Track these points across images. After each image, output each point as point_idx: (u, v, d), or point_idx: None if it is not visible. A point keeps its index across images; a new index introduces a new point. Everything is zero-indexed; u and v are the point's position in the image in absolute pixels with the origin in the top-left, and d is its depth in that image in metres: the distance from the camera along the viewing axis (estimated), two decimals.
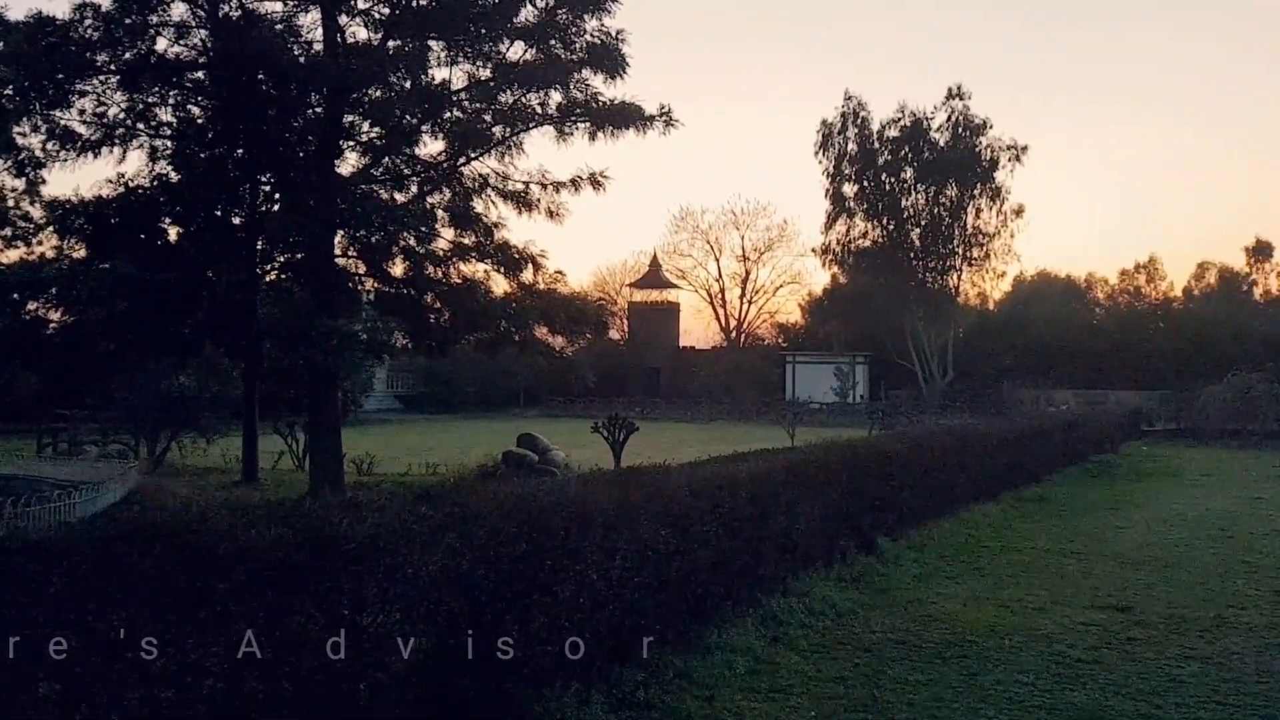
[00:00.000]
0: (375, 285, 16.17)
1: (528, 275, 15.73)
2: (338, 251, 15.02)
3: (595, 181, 15.50)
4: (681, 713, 5.54)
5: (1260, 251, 76.75)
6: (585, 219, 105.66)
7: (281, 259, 15.69)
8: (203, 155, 14.90)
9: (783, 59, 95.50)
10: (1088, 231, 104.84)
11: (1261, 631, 7.47)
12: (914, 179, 46.24)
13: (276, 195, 15.48)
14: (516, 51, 14.68)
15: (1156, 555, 10.64)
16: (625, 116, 14.95)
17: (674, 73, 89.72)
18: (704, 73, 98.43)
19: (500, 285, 15.85)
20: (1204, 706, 5.74)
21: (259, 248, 15.38)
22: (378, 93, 14.58)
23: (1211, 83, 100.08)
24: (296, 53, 14.48)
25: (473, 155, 15.44)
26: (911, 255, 46.44)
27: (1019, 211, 46.07)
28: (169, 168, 15.03)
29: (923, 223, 46.33)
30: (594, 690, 5.61)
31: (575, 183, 15.51)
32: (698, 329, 62.17)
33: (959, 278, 46.98)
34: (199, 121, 15.06)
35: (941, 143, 45.66)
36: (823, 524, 9.27)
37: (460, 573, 5.10)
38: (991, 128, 45.47)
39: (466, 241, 15.71)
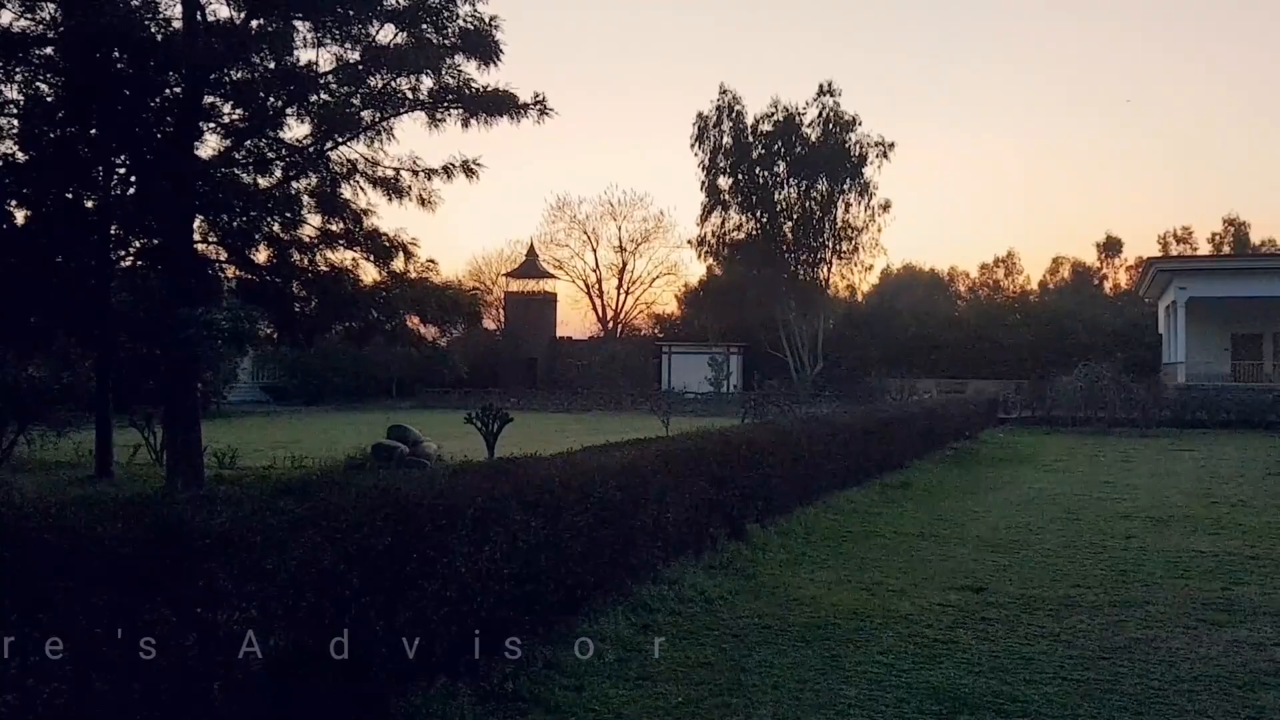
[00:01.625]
0: (237, 273, 15.62)
1: (398, 263, 15.46)
2: (197, 237, 14.46)
3: (468, 169, 15.31)
4: (550, 703, 5.53)
5: (1110, 247, 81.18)
6: (460, 208, 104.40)
7: (137, 245, 15.03)
8: (52, 135, 14.14)
9: (660, 50, 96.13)
10: (951, 226, 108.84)
11: (1105, 609, 7.86)
12: (787, 173, 47.20)
13: (132, 178, 14.80)
14: (387, 34, 14.38)
15: (1011, 538, 11.12)
16: (499, 104, 14.81)
17: (551, 62, 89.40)
18: (581, 63, 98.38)
19: (370, 274, 15.54)
20: (1051, 682, 6.02)
21: (113, 232, 14.69)
22: (240, 73, 14.08)
23: (1067, 86, 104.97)
24: (154, 30, 13.86)
25: (340, 140, 15.06)
26: (784, 248, 47.41)
27: (886, 207, 47.53)
28: (15, 148, 14.22)
29: (795, 216, 47.35)
30: (461, 684, 5.55)
31: (448, 170, 15.29)
32: (575, 319, 62.24)
33: (829, 270, 48.22)
34: (48, 100, 14.27)
35: (813, 138, 46.72)
36: (694, 512, 9.39)
37: (321, 568, 4.97)
38: (861, 124, 46.75)
39: (334, 228, 15.34)
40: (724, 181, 47.90)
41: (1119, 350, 38.49)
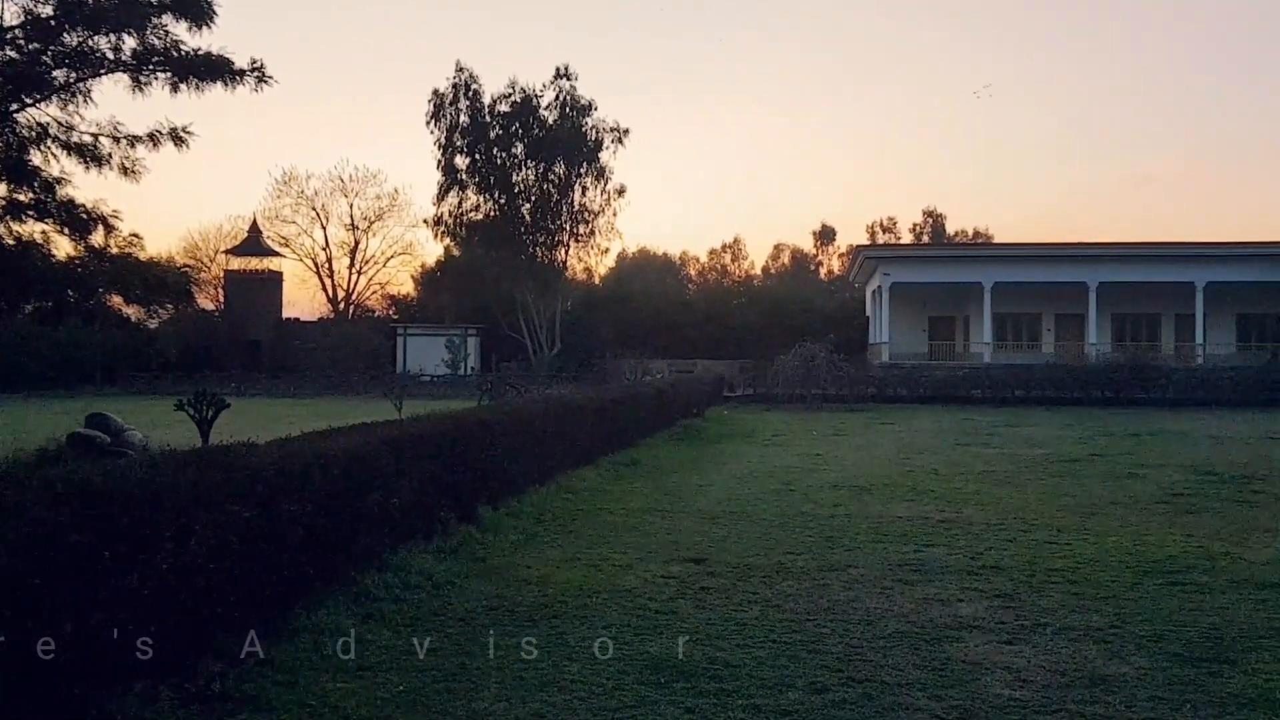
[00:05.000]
0: None
1: (97, 238, 14.34)
2: None
3: (178, 137, 14.37)
4: (262, 701, 5.26)
5: (826, 235, 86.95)
6: (173, 179, 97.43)
7: None
8: None
9: (392, 23, 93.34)
10: (683, 213, 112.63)
11: (813, 574, 8.39)
12: (525, 155, 47.16)
13: None
14: None
15: (730, 509, 11.67)
16: (212, 69, 13.98)
17: (278, 30, 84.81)
18: (310, 32, 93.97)
19: (64, 248, 14.20)
20: (762, 645, 6.35)
21: None
22: None
23: (787, 79, 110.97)
24: None
25: (29, 101, 13.69)
26: (522, 229, 47.41)
27: (621, 191, 48.49)
28: None
29: (533, 198, 47.43)
30: (163, 686, 5.18)
31: (154, 137, 14.31)
32: (303, 300, 59.70)
33: (567, 253, 48.66)
34: None
35: (550, 121, 46.89)
36: (423, 496, 9.21)
37: None
38: (597, 109, 47.39)
39: (22, 198, 13.96)
40: (461, 161, 47.26)
41: (832, 331, 41.23)
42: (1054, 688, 5.62)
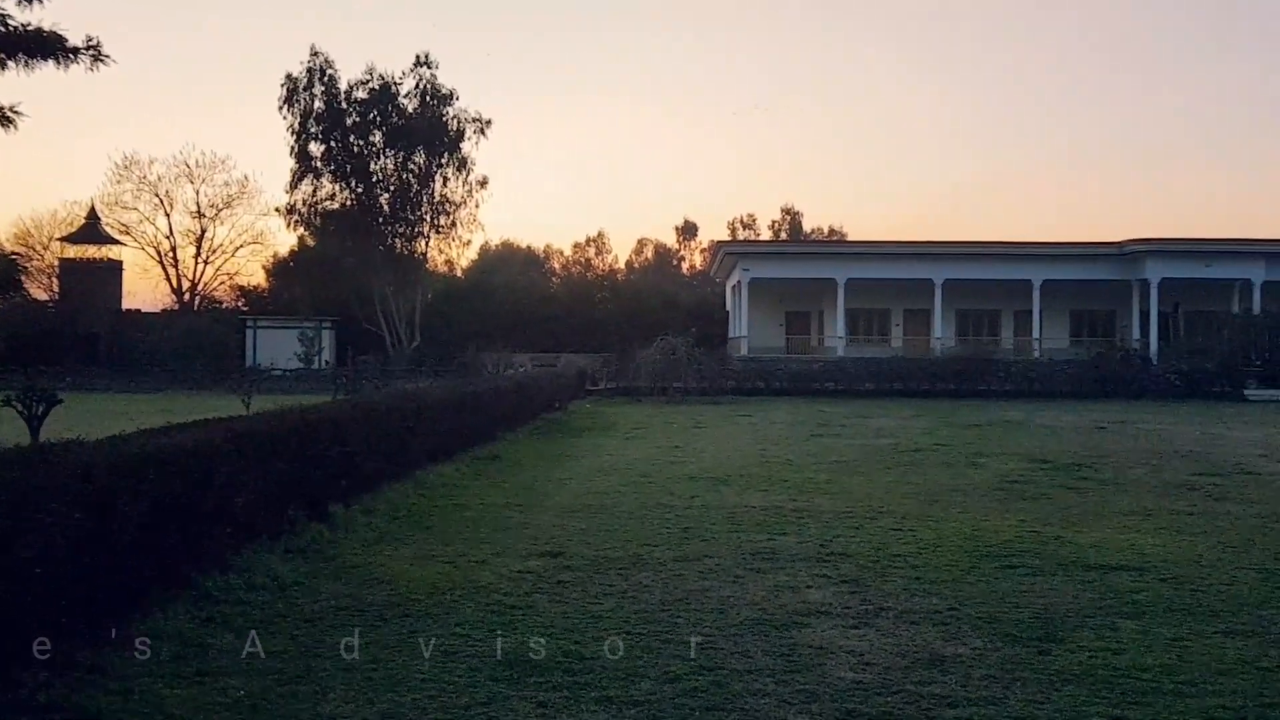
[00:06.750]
0: None
1: None
2: None
3: (4, 117, 13.42)
4: (91, 710, 5.01)
5: (688, 231, 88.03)
6: (1, 163, 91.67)
7: None
8: None
9: (242, 5, 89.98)
10: (547, 206, 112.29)
11: (669, 565, 8.49)
12: (383, 143, 46.16)
13: None
14: None
15: (589, 503, 11.70)
16: (42, 45, 13.10)
17: (117, 8, 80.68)
18: (152, 11, 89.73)
19: None
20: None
21: None
22: None
23: (651, 76, 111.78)
24: None
25: None
26: (381, 220, 46.41)
27: (484, 182, 47.95)
28: None
29: (392, 188, 46.47)
30: None
31: None
32: (145, 290, 57.01)
33: (427, 244, 47.85)
34: None
35: (410, 109, 46.00)
36: (271, 494, 8.92)
37: None
38: (458, 99, 46.68)
39: None
40: (316, 148, 45.89)
41: (694, 325, 41.83)
42: (895, 669, 5.84)
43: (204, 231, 55.71)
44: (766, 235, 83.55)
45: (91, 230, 49.48)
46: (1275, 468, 15.29)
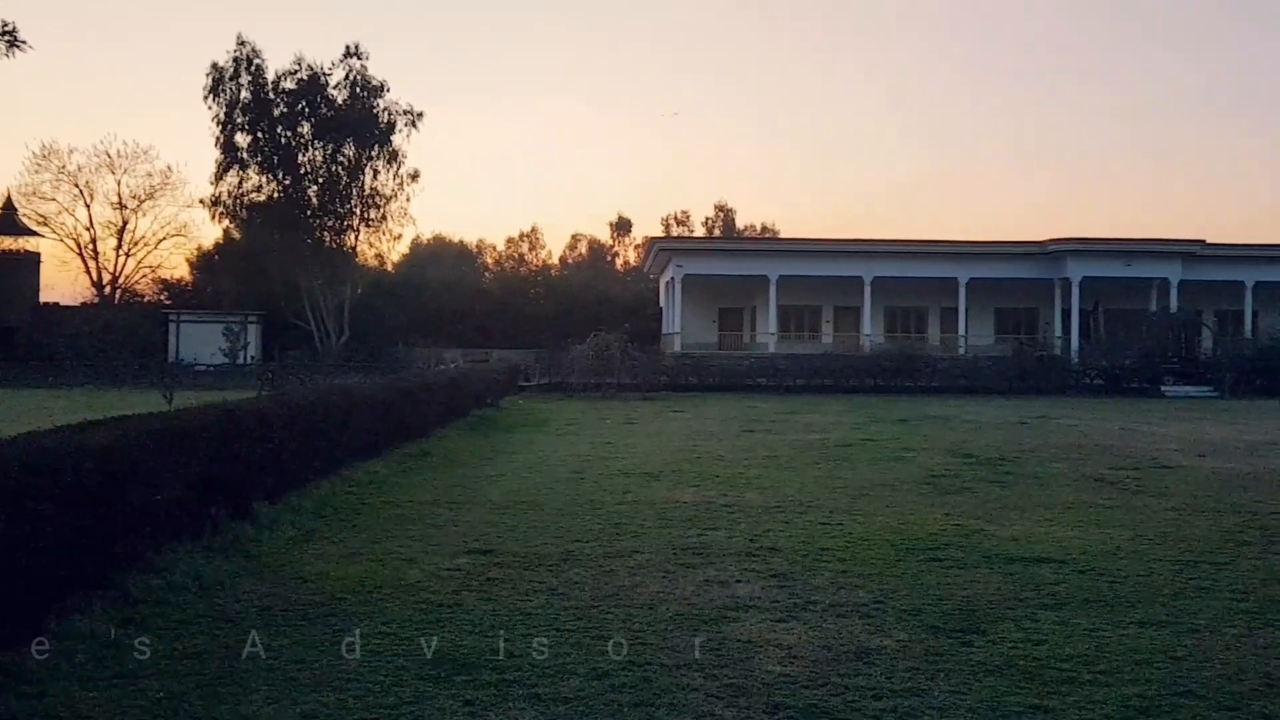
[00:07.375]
0: None
1: None
2: None
3: None
4: (3, 715, 4.85)
5: (622, 227, 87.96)
6: None
7: None
8: None
9: None
10: (480, 201, 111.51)
11: (600, 560, 8.48)
12: (312, 135, 45.34)
13: None
14: None
15: (520, 499, 11.64)
16: None
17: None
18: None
19: None
20: (545, 633, 6.37)
21: None
22: None
23: (584, 70, 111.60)
24: None
25: None
26: (309, 213, 45.59)
27: (415, 176, 47.36)
28: None
29: (321, 180, 45.67)
30: None
31: None
32: (64, 283, 55.29)
33: (357, 238, 47.15)
34: None
35: (340, 100, 45.29)
36: (192, 492, 8.71)
37: None
38: (389, 91, 46.05)
39: None
40: (242, 139, 44.89)
41: (627, 321, 41.87)
42: (822, 662, 5.91)
43: (126, 223, 54.30)
44: (700, 232, 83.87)
45: (8, 221, 47.92)
46: (1190, 462, 15.78)
